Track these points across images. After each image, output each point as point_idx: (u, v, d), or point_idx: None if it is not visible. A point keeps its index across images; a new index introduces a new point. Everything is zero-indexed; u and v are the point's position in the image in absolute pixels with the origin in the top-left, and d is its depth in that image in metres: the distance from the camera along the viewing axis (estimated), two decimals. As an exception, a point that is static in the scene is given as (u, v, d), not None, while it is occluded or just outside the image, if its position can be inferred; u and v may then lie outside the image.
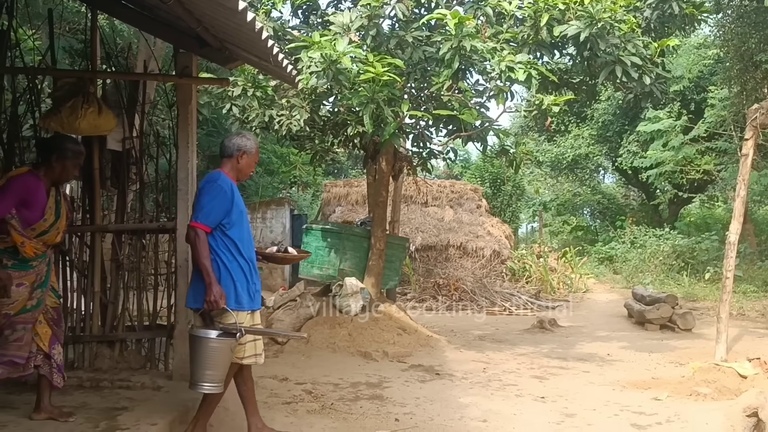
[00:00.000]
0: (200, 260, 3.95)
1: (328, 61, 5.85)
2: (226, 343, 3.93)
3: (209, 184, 4.10)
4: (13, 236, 3.92)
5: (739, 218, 7.42)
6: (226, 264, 4.04)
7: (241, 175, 4.33)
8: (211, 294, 3.89)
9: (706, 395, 5.85)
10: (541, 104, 6.53)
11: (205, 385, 3.94)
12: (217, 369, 3.94)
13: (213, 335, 3.90)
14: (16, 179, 3.99)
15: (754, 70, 14.36)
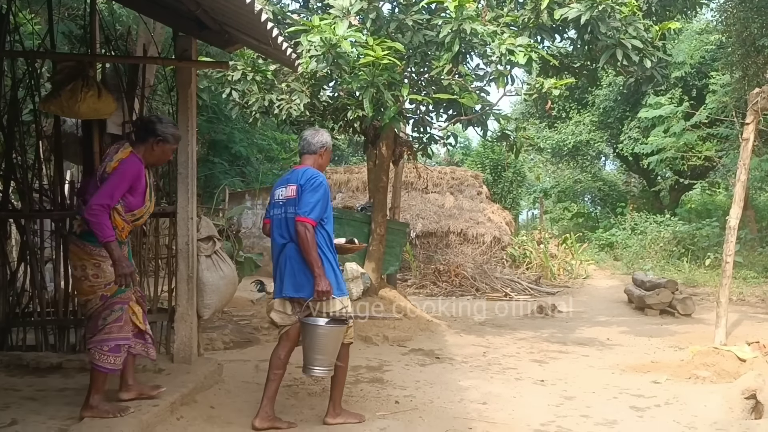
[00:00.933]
0: (311, 253, 4.17)
1: (328, 45, 5.83)
2: (337, 329, 4.26)
3: (315, 182, 4.30)
4: (115, 220, 3.86)
5: (740, 203, 7.42)
6: (327, 255, 4.31)
7: (321, 170, 4.51)
8: (323, 284, 4.18)
9: (705, 378, 5.88)
10: (542, 87, 6.51)
11: (317, 368, 4.26)
12: (328, 354, 4.24)
13: (322, 323, 4.22)
14: (128, 164, 3.90)
15: (756, 55, 14.30)
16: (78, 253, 3.89)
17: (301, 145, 4.53)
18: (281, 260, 4.40)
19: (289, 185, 4.39)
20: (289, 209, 4.34)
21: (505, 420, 4.73)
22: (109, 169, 3.85)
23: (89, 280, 3.88)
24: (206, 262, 5.29)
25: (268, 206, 4.61)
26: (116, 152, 3.92)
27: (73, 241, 3.91)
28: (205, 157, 17.09)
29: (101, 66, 5.73)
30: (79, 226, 3.88)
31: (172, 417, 4.22)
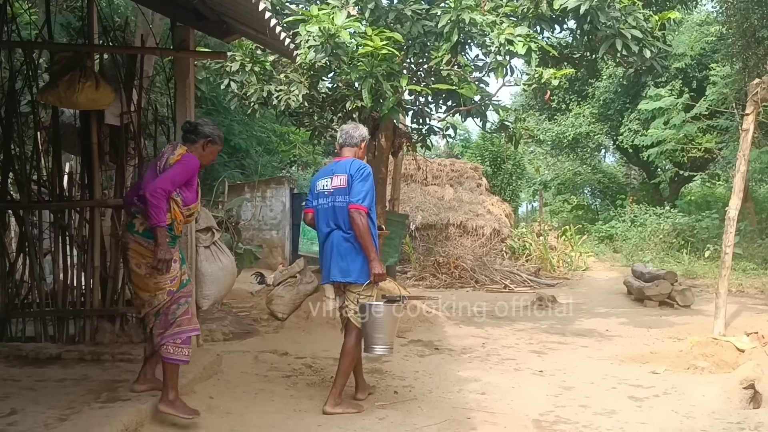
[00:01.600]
0: (366, 239, 4.45)
1: (327, 35, 5.81)
2: (394, 310, 4.56)
3: (365, 171, 4.57)
4: (175, 212, 3.97)
5: (739, 194, 7.41)
6: (375, 241, 4.55)
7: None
8: (379, 268, 4.49)
9: (703, 369, 5.88)
10: (541, 77, 6.49)
11: (377, 347, 4.50)
12: (387, 333, 4.51)
13: (380, 304, 4.51)
14: (190, 158, 4.06)
15: (756, 46, 14.26)
16: (141, 251, 3.95)
17: (343, 139, 4.75)
18: (327, 247, 4.61)
19: (335, 176, 4.59)
20: (338, 198, 4.54)
21: (503, 410, 4.74)
22: (172, 162, 3.97)
23: (154, 276, 3.94)
24: (205, 253, 5.29)
25: (310, 197, 4.79)
26: (173, 149, 4.06)
27: (135, 239, 3.97)
28: (203, 149, 17.04)
29: (99, 57, 5.71)
30: (141, 224, 3.96)
31: (171, 407, 4.22)
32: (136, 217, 4.00)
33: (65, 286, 5.44)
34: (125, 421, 3.71)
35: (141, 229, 3.96)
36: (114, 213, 5.45)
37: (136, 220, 4.00)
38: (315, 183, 4.77)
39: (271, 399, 4.80)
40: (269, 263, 13.99)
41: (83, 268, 5.47)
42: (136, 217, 4.01)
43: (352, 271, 4.50)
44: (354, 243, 4.51)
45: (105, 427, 3.54)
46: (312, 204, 4.74)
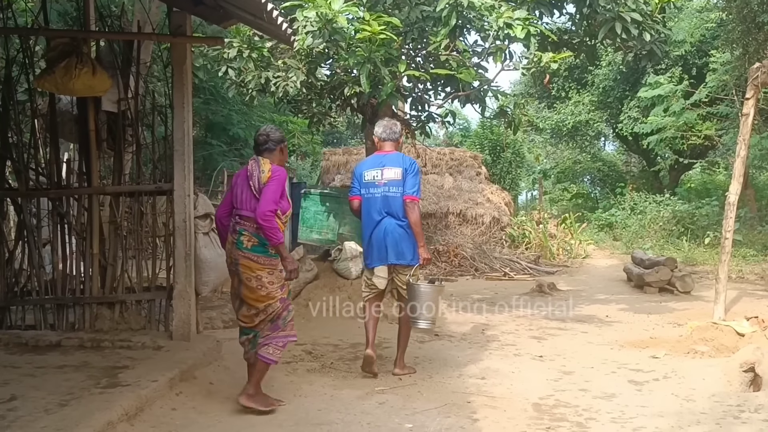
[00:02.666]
0: (420, 226, 5.06)
1: (324, 21, 5.78)
2: (438, 288, 5.20)
3: (416, 166, 5.11)
4: (279, 225, 4.24)
5: (739, 179, 7.39)
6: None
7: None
8: (428, 253, 5.17)
9: (703, 353, 5.88)
10: (540, 61, 6.46)
11: (422, 322, 5.06)
12: (430, 309, 5.02)
13: (426, 284, 5.14)
14: (281, 172, 4.34)
15: (756, 31, 14.20)
16: (252, 267, 4.21)
17: (387, 134, 5.19)
18: (379, 233, 5.04)
19: (387, 168, 5.05)
20: (392, 189, 5.02)
21: (503, 394, 4.74)
22: (264, 180, 4.23)
23: (266, 288, 4.22)
24: (204, 239, 5.28)
25: (356, 185, 5.20)
26: (258, 166, 4.31)
27: (245, 255, 4.21)
28: (203, 139, 17.03)
29: (96, 43, 5.68)
30: (249, 240, 4.22)
31: (171, 392, 4.24)
32: (243, 235, 4.22)
33: (64, 274, 5.43)
34: (125, 405, 3.72)
35: (249, 246, 4.21)
36: (112, 200, 5.42)
37: (243, 237, 4.22)
38: (362, 173, 5.14)
39: (271, 385, 4.79)
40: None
41: (82, 256, 5.45)
42: (243, 234, 4.22)
43: (407, 254, 5.04)
44: (407, 230, 5.02)
45: (105, 412, 3.55)
46: (359, 192, 5.15)
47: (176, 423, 3.88)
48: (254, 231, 4.21)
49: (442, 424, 4.05)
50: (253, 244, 4.21)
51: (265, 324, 4.28)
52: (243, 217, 4.25)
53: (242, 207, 4.27)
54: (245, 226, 4.23)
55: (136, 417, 3.77)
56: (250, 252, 4.20)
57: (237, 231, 4.25)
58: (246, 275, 4.20)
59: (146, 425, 3.76)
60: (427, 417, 4.18)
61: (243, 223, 4.24)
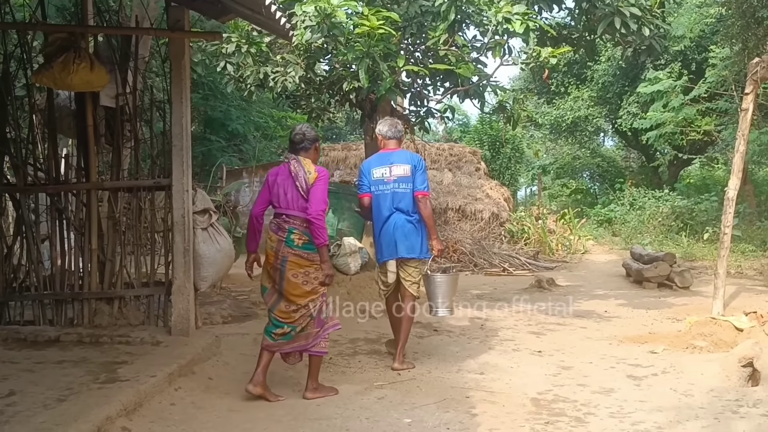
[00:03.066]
0: (432, 220, 5.24)
1: (323, 15, 5.77)
2: (454, 277, 5.62)
3: (423, 163, 5.32)
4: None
5: (738, 174, 7.38)
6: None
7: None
8: (441, 244, 5.37)
9: (702, 348, 5.88)
10: (539, 56, 6.44)
11: (441, 309, 5.41)
12: (448, 297, 5.41)
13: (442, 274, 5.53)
14: (325, 172, 4.54)
15: (756, 26, 14.17)
16: (301, 263, 4.38)
17: (392, 132, 5.33)
18: (388, 229, 5.19)
19: (396, 165, 5.21)
20: (401, 185, 5.19)
21: (502, 389, 4.75)
22: (311, 180, 4.38)
23: (311, 283, 4.40)
24: (202, 234, 5.28)
25: (365, 183, 5.30)
26: (301, 166, 4.43)
27: (295, 252, 4.37)
28: (201, 134, 17.00)
29: (93, 38, 5.66)
30: (299, 238, 4.37)
31: (170, 387, 4.24)
32: (293, 233, 4.37)
33: (63, 270, 5.42)
34: (124, 401, 3.72)
35: (300, 243, 4.37)
36: (110, 196, 5.42)
37: (294, 235, 4.37)
38: (371, 170, 5.27)
39: (270, 380, 4.79)
40: (269, 248, 13.94)
41: (81, 252, 5.45)
42: (293, 232, 4.37)
43: (416, 248, 5.20)
44: (416, 225, 5.20)
45: (104, 407, 3.55)
46: (368, 189, 5.28)
47: (175, 418, 3.89)
48: (304, 229, 4.36)
49: (440, 419, 4.05)
50: (303, 241, 4.37)
51: (305, 319, 4.42)
52: (291, 216, 4.38)
53: (289, 206, 4.40)
54: (294, 225, 4.36)
55: (134, 412, 3.77)
56: (301, 249, 4.36)
57: (286, 229, 4.37)
58: (293, 272, 4.35)
59: (145, 420, 3.76)
60: (426, 412, 4.18)
61: (291, 221, 4.37)
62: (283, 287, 4.38)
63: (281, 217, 4.41)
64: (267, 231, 4.52)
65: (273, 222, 4.46)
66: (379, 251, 5.28)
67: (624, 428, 3.92)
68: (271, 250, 4.42)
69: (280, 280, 4.38)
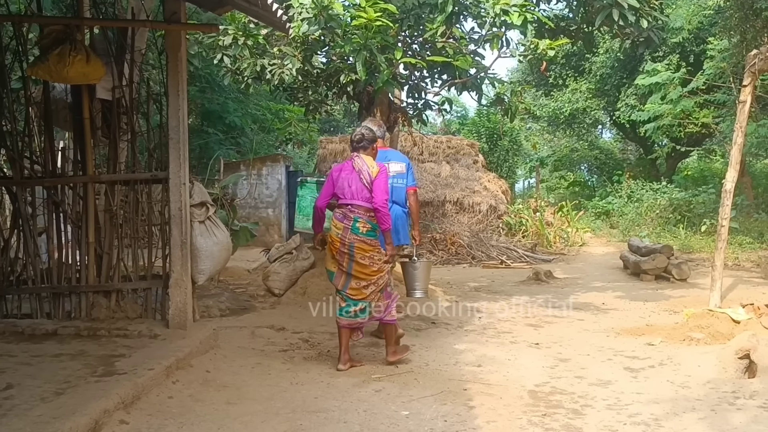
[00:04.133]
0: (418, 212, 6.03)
1: (320, 7, 5.74)
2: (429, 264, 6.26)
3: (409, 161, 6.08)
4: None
5: (736, 166, 7.38)
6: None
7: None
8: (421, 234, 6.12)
9: (699, 340, 5.89)
10: (537, 48, 6.42)
11: (418, 292, 6.05)
12: (423, 281, 6.04)
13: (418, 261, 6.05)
14: (383, 167, 5.12)
15: (754, 18, 14.15)
16: (367, 249, 4.93)
17: (381, 132, 5.69)
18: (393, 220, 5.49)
19: (393, 162, 5.82)
20: (398, 180, 5.80)
21: (499, 381, 4.76)
22: (374, 174, 4.91)
23: (377, 264, 4.97)
24: (199, 227, 5.28)
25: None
26: (363, 162, 4.97)
27: (360, 239, 4.91)
28: (199, 127, 16.95)
29: (89, 30, 5.64)
30: (363, 226, 4.91)
31: (167, 380, 4.25)
32: (358, 221, 4.90)
33: (60, 263, 5.42)
34: (122, 393, 3.72)
35: (364, 231, 4.91)
36: (108, 189, 5.40)
37: (359, 223, 4.90)
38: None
39: (267, 372, 4.81)
40: (266, 241, 13.97)
41: (78, 245, 5.44)
42: (358, 221, 4.90)
43: (408, 236, 5.94)
44: (408, 216, 5.89)
45: (101, 400, 3.55)
46: None
47: (173, 411, 3.89)
48: (368, 218, 4.91)
49: (438, 412, 4.06)
50: (367, 229, 4.92)
51: (375, 294, 5.00)
52: (356, 206, 4.90)
53: (353, 197, 4.91)
54: (359, 214, 4.90)
55: (132, 405, 3.77)
56: (365, 236, 4.92)
57: (351, 218, 4.91)
58: (360, 255, 4.91)
59: (143, 413, 3.76)
60: (424, 404, 4.19)
61: (356, 211, 4.90)
62: (352, 268, 4.93)
63: (347, 207, 4.93)
64: (331, 219, 5.05)
65: (338, 211, 4.98)
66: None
67: (621, 420, 3.93)
68: (337, 237, 4.92)
69: (349, 262, 4.92)
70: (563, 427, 3.82)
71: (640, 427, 3.81)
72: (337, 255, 4.93)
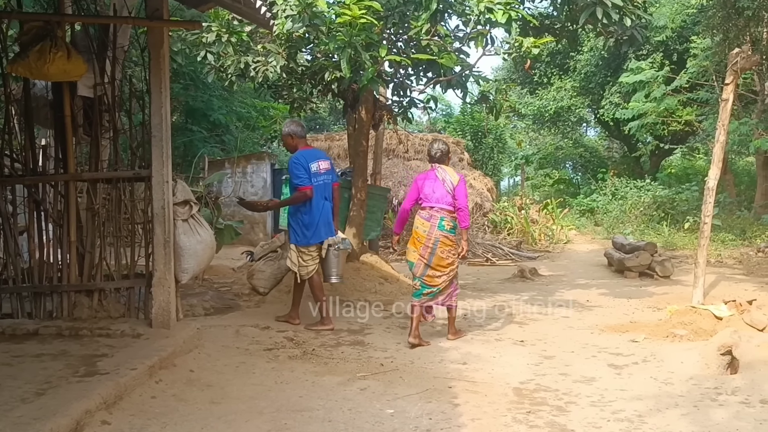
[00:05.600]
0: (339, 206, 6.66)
1: (304, 4, 5.71)
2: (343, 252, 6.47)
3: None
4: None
5: (718, 164, 7.44)
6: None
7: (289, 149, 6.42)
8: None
9: (682, 336, 5.94)
10: (521, 46, 6.43)
11: (334, 278, 6.44)
12: (339, 268, 6.45)
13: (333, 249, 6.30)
14: (462, 175, 6.15)
15: (736, 17, 14.27)
16: (446, 243, 5.85)
17: (304, 131, 6.27)
18: (325, 214, 6.19)
19: (323, 160, 6.24)
20: (329, 178, 6.23)
21: (484, 379, 4.77)
22: (455, 182, 5.88)
23: (452, 257, 5.88)
24: (183, 226, 5.23)
25: (306, 176, 6.04)
26: (444, 172, 5.94)
27: (445, 235, 5.84)
28: (183, 125, 16.82)
29: (70, 27, 5.57)
30: (447, 224, 5.83)
31: (150, 380, 4.22)
32: (444, 220, 5.81)
33: (41, 262, 5.35)
34: (104, 394, 3.68)
35: (448, 228, 5.84)
36: (89, 187, 5.34)
37: (445, 222, 5.82)
38: (309, 165, 6.05)
39: (252, 371, 4.79)
40: (251, 239, 13.91)
41: (59, 244, 5.38)
42: (444, 220, 5.81)
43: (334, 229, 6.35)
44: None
45: (83, 401, 3.51)
46: (312, 181, 6.05)
47: (156, 411, 3.85)
48: (450, 218, 5.83)
49: (423, 409, 4.05)
50: (450, 227, 5.84)
51: (445, 282, 5.87)
52: (440, 208, 5.82)
53: (438, 201, 5.83)
54: (443, 215, 5.81)
55: (114, 405, 3.74)
56: (448, 232, 5.84)
57: (437, 218, 5.81)
58: (442, 249, 5.81)
59: (125, 413, 3.73)
60: (408, 402, 4.19)
61: (441, 212, 5.81)
62: (432, 261, 5.81)
63: (432, 209, 5.83)
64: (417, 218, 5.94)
65: (424, 213, 5.87)
66: (317, 233, 6.14)
67: (605, 417, 3.95)
68: (423, 233, 5.83)
69: (430, 255, 5.81)
70: (547, 424, 3.83)
71: (624, 423, 3.83)
72: (421, 249, 5.84)
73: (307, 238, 6.15)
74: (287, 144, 6.32)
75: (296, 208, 6.18)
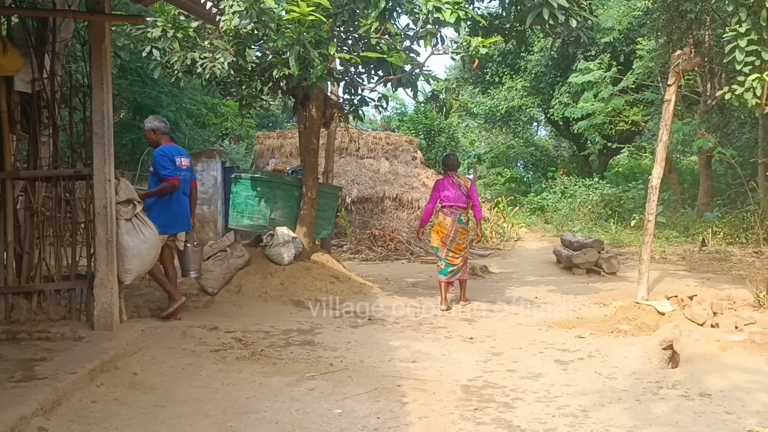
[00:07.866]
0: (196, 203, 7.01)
1: (251, 1, 5.61)
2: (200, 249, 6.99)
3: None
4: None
5: (661, 162, 7.62)
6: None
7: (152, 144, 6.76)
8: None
9: (626, 332, 6.07)
10: (469, 45, 6.47)
11: (192, 272, 6.85)
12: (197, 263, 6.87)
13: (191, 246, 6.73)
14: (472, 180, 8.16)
15: (680, 20, 14.67)
16: (463, 232, 7.63)
17: (167, 127, 6.64)
18: (184, 207, 6.55)
19: (184, 157, 6.60)
20: (188, 174, 6.64)
21: (433, 377, 4.78)
22: (468, 185, 7.71)
23: (466, 242, 7.69)
24: (126, 225, 5.12)
25: (172, 168, 6.38)
26: (458, 178, 7.72)
27: (463, 227, 7.61)
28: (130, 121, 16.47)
29: (7, 20, 5.38)
30: (464, 217, 7.61)
31: (91, 384, 4.10)
32: (462, 215, 7.58)
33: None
34: (40, 399, 3.56)
35: (465, 221, 7.61)
36: (27, 185, 5.17)
37: (463, 216, 7.59)
38: (175, 158, 6.44)
39: (198, 373, 4.70)
40: (201, 239, 13.67)
41: (-5, 244, 5.19)
42: (462, 215, 7.58)
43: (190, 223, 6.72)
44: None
45: (18, 407, 3.39)
46: (176, 174, 6.37)
47: (96, 416, 3.74)
48: (465, 214, 7.59)
49: (371, 409, 4.04)
50: (465, 220, 7.61)
51: (462, 261, 7.64)
52: (459, 207, 7.56)
53: (456, 201, 7.56)
54: (461, 211, 7.57)
55: (52, 411, 3.62)
56: (465, 225, 7.62)
57: (457, 214, 7.55)
58: (460, 238, 7.58)
59: (63, 419, 3.61)
60: (357, 402, 4.17)
61: (459, 209, 7.57)
62: (452, 246, 7.53)
63: (452, 207, 7.55)
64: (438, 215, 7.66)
65: (446, 210, 7.56)
66: (175, 224, 6.44)
67: (550, 412, 4.00)
68: (446, 226, 7.53)
69: (451, 242, 7.53)
70: (494, 421, 3.86)
71: (568, 418, 3.89)
72: (444, 238, 7.55)
73: (164, 228, 6.17)
74: (150, 139, 6.60)
75: (158, 199, 6.36)
